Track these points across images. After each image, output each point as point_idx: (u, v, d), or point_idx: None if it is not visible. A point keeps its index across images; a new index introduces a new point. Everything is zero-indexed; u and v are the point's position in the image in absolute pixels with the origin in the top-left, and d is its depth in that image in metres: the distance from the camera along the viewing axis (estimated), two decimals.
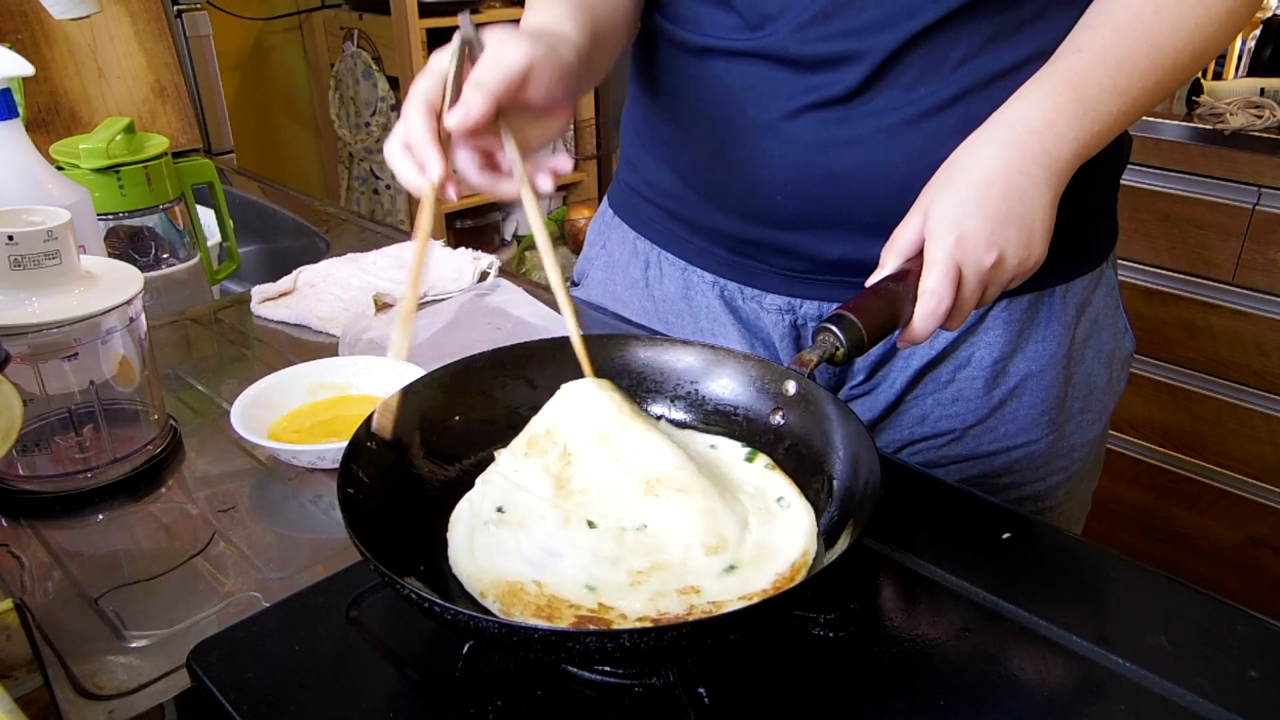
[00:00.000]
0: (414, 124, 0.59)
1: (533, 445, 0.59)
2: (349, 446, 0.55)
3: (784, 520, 0.56)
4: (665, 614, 0.49)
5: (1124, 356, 0.86)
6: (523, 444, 0.60)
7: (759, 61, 0.72)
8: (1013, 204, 0.61)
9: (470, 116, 0.57)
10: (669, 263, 0.86)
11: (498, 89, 0.57)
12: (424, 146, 0.58)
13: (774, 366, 0.63)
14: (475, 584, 0.52)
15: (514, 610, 0.50)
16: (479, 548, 0.54)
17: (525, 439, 0.60)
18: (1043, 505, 0.85)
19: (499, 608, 0.50)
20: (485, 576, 0.52)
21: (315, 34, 2.64)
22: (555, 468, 0.58)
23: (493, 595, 0.51)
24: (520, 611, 0.49)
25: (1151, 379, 1.89)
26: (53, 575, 0.61)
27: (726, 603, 0.50)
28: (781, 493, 0.58)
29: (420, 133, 0.58)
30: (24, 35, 1.32)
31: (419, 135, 0.58)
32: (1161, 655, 0.52)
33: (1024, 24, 0.68)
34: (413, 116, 0.59)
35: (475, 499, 0.57)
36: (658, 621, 0.48)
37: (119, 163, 0.96)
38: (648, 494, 0.55)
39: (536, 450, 0.59)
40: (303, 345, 0.93)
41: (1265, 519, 1.84)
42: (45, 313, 0.63)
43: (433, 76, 0.60)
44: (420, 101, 0.59)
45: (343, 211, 1.32)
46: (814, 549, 0.54)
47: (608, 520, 0.55)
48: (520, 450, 0.59)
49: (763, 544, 0.54)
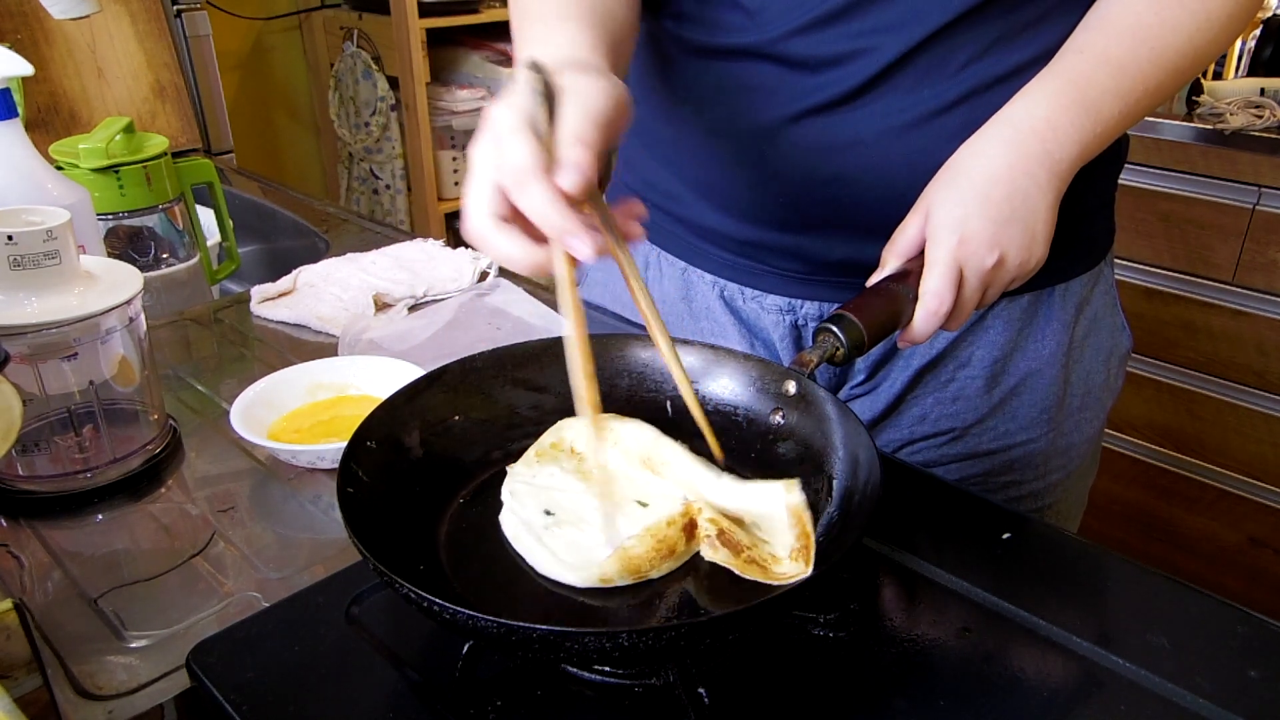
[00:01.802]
0: (539, 197, 0.48)
1: (541, 455, 0.61)
2: (348, 446, 0.55)
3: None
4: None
5: (1122, 355, 0.86)
6: (531, 455, 0.61)
7: (761, 62, 0.71)
8: (1015, 205, 0.61)
9: (587, 177, 0.48)
10: (669, 263, 0.86)
11: (599, 144, 0.50)
12: (568, 221, 0.47)
13: (774, 366, 0.63)
14: (590, 579, 0.52)
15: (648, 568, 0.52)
16: (562, 550, 0.54)
17: (532, 454, 0.61)
18: (1042, 503, 0.85)
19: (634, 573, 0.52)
20: (594, 570, 0.52)
21: (315, 34, 2.64)
22: (570, 465, 0.60)
23: (617, 575, 0.52)
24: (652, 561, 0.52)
25: (1151, 379, 1.89)
26: (52, 575, 0.61)
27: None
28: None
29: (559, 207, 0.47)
30: (24, 35, 1.32)
31: (559, 211, 0.47)
32: (1161, 655, 0.52)
33: (1027, 27, 0.68)
34: (534, 188, 0.48)
35: (518, 511, 0.56)
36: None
37: (118, 163, 0.96)
38: (645, 468, 0.59)
39: (547, 458, 0.60)
40: (302, 345, 0.92)
41: (1265, 519, 1.84)
42: (45, 313, 0.63)
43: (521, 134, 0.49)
44: (533, 167, 0.48)
45: (342, 211, 1.32)
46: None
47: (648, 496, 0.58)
48: (530, 461, 0.60)
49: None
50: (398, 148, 2.54)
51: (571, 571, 0.52)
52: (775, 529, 0.55)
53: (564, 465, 0.60)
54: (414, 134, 2.46)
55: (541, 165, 0.48)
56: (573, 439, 0.61)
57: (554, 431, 0.62)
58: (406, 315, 0.95)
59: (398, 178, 2.58)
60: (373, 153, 2.59)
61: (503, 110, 0.51)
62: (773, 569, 0.53)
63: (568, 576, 0.52)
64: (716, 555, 0.54)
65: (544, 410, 0.65)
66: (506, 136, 0.49)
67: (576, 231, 0.48)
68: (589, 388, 0.52)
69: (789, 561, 0.53)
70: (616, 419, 0.62)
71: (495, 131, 0.51)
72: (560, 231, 0.48)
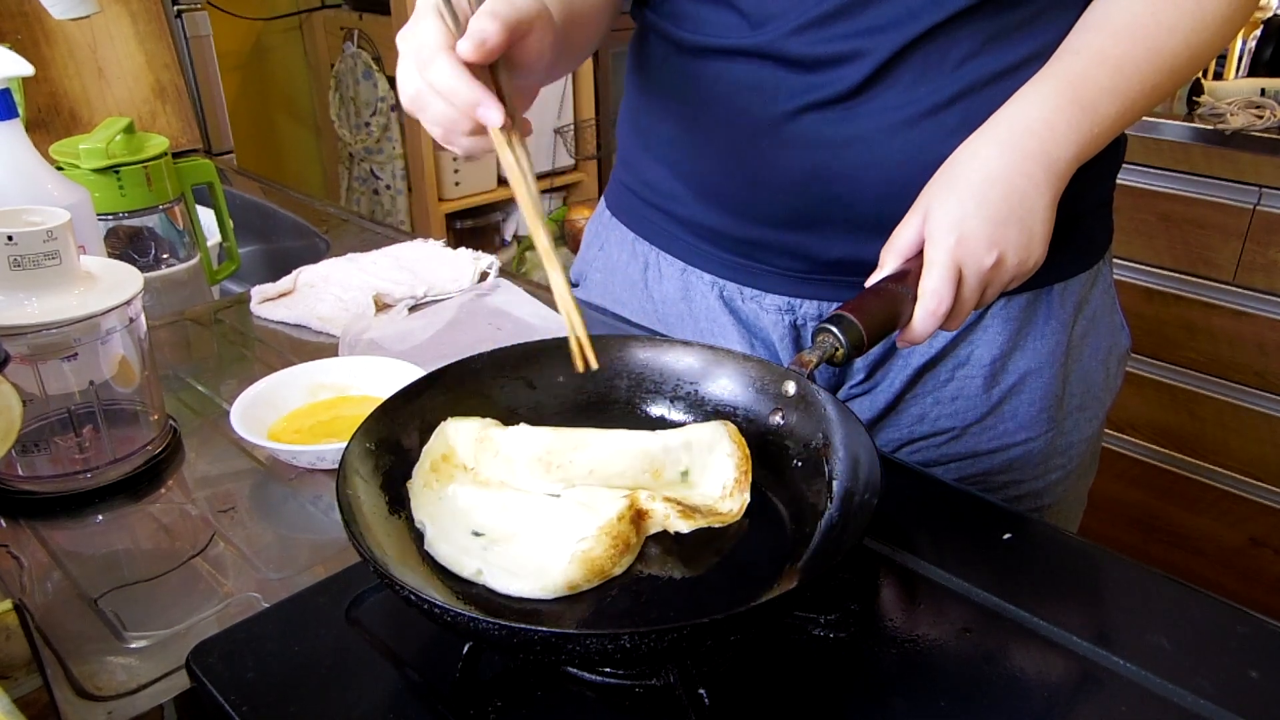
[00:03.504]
0: (444, 69, 0.52)
1: (436, 471, 0.58)
2: (348, 447, 0.55)
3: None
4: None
5: (1120, 354, 0.86)
6: (424, 474, 0.58)
7: (758, 61, 0.72)
8: (1013, 205, 0.61)
9: (488, 43, 0.51)
10: (668, 263, 0.86)
11: (510, 20, 0.53)
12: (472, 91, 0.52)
13: (774, 367, 0.63)
14: (556, 588, 0.51)
15: (610, 567, 0.52)
16: (515, 567, 0.52)
17: (426, 468, 0.58)
18: (1041, 502, 0.85)
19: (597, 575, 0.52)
20: (558, 578, 0.51)
21: (315, 34, 2.64)
22: (468, 480, 0.58)
23: (583, 580, 0.51)
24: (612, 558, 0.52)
25: (1152, 379, 1.89)
26: (52, 576, 0.61)
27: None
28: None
29: (460, 76, 0.52)
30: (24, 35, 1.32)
31: (459, 79, 0.52)
32: (1161, 655, 0.52)
33: (1023, 25, 0.68)
34: (440, 62, 0.52)
35: (447, 540, 0.54)
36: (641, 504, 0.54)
37: (119, 163, 0.96)
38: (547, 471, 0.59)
39: (444, 476, 0.58)
40: (303, 345, 0.92)
41: (1265, 519, 1.84)
42: (45, 313, 0.63)
43: (431, 19, 0.54)
44: (439, 45, 0.52)
45: (343, 212, 1.32)
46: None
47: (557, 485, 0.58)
48: (429, 480, 0.58)
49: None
50: (398, 148, 2.54)
51: (533, 584, 0.51)
52: (707, 470, 0.58)
53: (462, 481, 0.58)
54: (414, 134, 2.46)
55: (447, 43, 0.52)
56: (463, 455, 0.59)
57: (439, 439, 0.60)
58: (407, 316, 0.95)
59: (398, 178, 2.58)
60: (373, 153, 2.59)
61: (419, 3, 0.55)
62: (719, 509, 0.57)
63: (531, 590, 0.51)
64: (694, 522, 0.55)
65: (543, 411, 0.65)
66: (420, 22, 0.54)
67: (481, 100, 0.51)
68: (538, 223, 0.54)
69: (726, 499, 0.57)
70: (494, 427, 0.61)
71: (411, 22, 0.56)
72: (465, 103, 0.52)
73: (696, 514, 0.55)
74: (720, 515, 0.56)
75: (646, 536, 0.55)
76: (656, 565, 0.54)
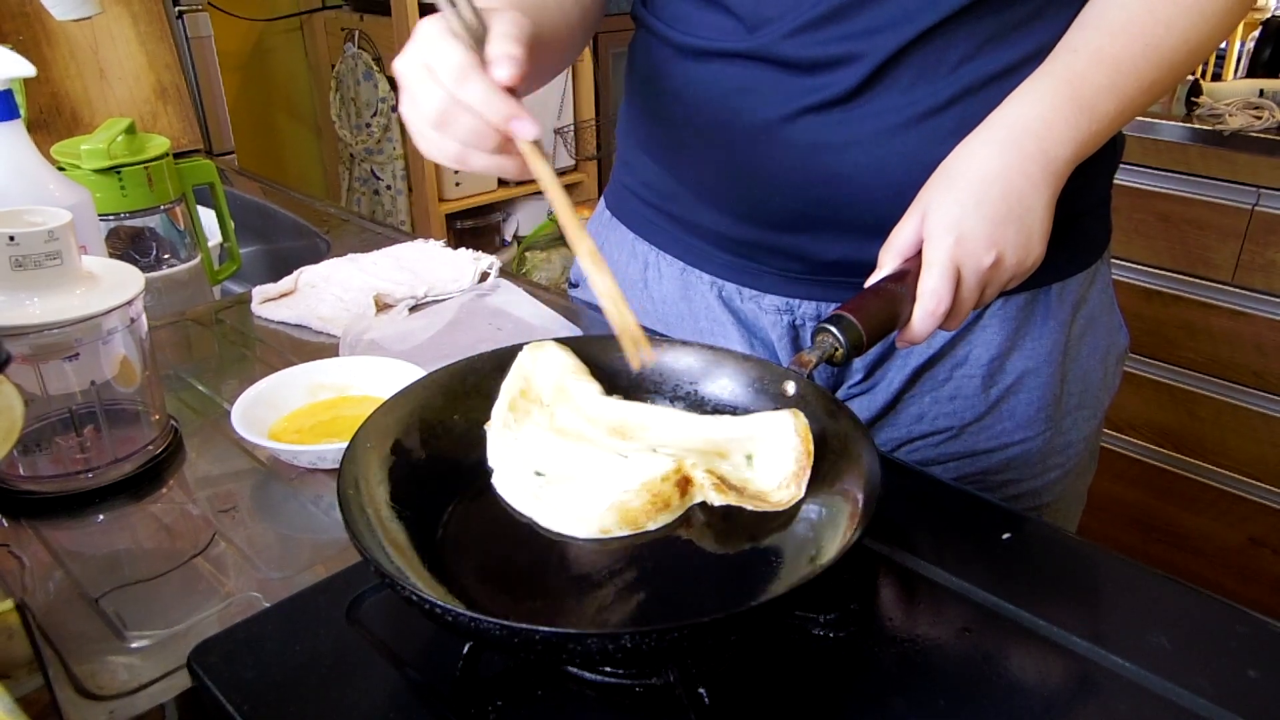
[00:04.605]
0: (479, 86, 0.53)
1: (515, 409, 0.62)
2: (349, 447, 0.55)
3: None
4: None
5: (1119, 353, 0.86)
6: (503, 414, 0.62)
7: (755, 64, 0.72)
8: (1011, 204, 0.62)
9: (519, 68, 0.54)
10: (667, 263, 0.86)
11: (527, 40, 0.55)
12: (510, 106, 0.54)
13: (773, 367, 0.63)
14: (591, 530, 0.55)
15: (644, 521, 0.55)
16: (561, 506, 0.56)
17: (505, 407, 0.62)
18: (1040, 501, 0.85)
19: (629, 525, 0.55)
20: (594, 521, 0.55)
21: (316, 35, 2.64)
22: (544, 420, 0.62)
23: (616, 526, 0.55)
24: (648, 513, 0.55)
25: (1151, 379, 1.90)
26: (53, 575, 0.61)
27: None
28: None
29: (495, 91, 0.53)
30: (25, 36, 1.32)
31: (495, 94, 0.53)
32: (1161, 655, 0.52)
33: (1020, 25, 0.68)
34: (475, 80, 0.53)
35: (511, 476, 0.59)
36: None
37: (120, 163, 0.97)
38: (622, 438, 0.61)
39: (520, 413, 0.62)
40: (303, 345, 0.93)
41: (1265, 519, 1.84)
42: (46, 313, 0.63)
43: (449, 41, 0.55)
44: (470, 64, 0.54)
45: (343, 212, 1.33)
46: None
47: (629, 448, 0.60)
48: (508, 420, 0.62)
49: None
50: (398, 148, 2.55)
51: (573, 523, 0.55)
52: (770, 458, 0.58)
53: (538, 420, 0.62)
54: None
55: (476, 62, 0.54)
56: (540, 387, 0.63)
57: (516, 373, 0.63)
58: (407, 316, 0.96)
59: (398, 178, 2.58)
60: (373, 153, 2.59)
61: (428, 27, 0.56)
62: (770, 498, 0.57)
63: (570, 529, 0.55)
64: (727, 497, 0.56)
65: None
66: (438, 43, 0.55)
67: (519, 114, 0.53)
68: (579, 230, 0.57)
69: (781, 489, 0.57)
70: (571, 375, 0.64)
71: (424, 44, 0.56)
72: (504, 116, 0.54)
73: (733, 491, 0.57)
74: (768, 501, 0.57)
75: (694, 504, 0.57)
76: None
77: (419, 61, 0.56)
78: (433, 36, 0.55)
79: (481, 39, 0.55)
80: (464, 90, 0.54)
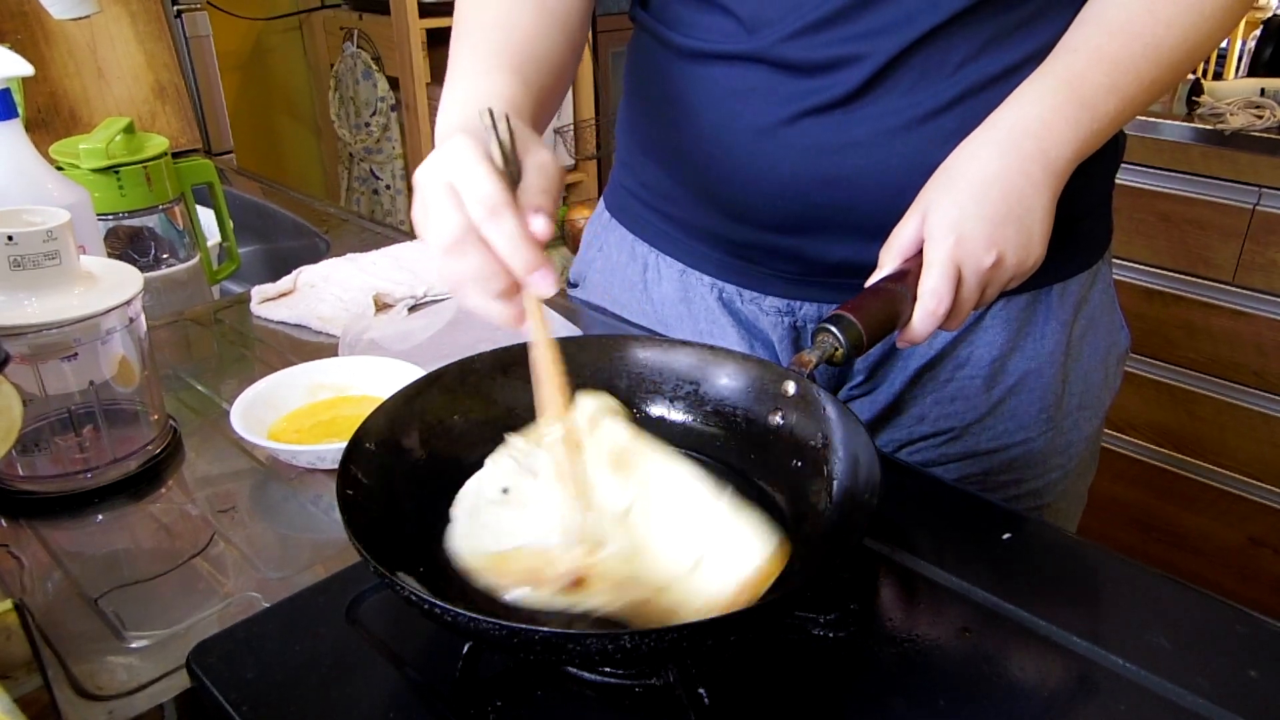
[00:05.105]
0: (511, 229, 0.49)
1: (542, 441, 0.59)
2: (348, 447, 0.55)
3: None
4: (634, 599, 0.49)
5: (1120, 353, 0.86)
6: (536, 435, 0.59)
7: (756, 66, 0.72)
8: (1011, 204, 0.61)
9: (551, 226, 0.51)
10: (667, 265, 0.86)
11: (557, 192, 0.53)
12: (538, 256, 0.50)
13: (773, 367, 0.63)
14: (467, 562, 0.51)
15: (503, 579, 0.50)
16: (479, 526, 0.54)
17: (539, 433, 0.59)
18: (1041, 502, 0.85)
19: (490, 581, 0.50)
20: (478, 553, 0.52)
21: (315, 34, 2.64)
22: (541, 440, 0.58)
23: (482, 570, 0.51)
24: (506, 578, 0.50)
25: (1151, 379, 1.90)
26: (53, 575, 0.61)
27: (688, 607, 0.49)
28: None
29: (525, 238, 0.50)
30: (24, 35, 1.32)
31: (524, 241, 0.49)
32: (1161, 655, 0.52)
33: (1021, 26, 0.68)
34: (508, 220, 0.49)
35: (483, 478, 0.57)
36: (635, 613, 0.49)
37: (119, 163, 0.96)
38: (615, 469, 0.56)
39: (535, 437, 0.59)
40: (303, 345, 0.93)
41: (1265, 519, 1.84)
42: (45, 313, 0.63)
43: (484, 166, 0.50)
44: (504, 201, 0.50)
45: (343, 212, 1.32)
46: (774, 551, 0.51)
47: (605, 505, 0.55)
48: (534, 438, 0.59)
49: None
50: (398, 148, 2.55)
51: (462, 545, 0.52)
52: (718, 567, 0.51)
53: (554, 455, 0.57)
54: (414, 134, 2.46)
55: (510, 199, 0.50)
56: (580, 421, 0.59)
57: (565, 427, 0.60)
58: (407, 316, 0.95)
59: (398, 178, 2.58)
60: (373, 153, 2.59)
61: (460, 143, 0.51)
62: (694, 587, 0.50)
63: (457, 550, 0.52)
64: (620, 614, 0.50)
65: None
66: (471, 167, 0.50)
67: (543, 267, 0.50)
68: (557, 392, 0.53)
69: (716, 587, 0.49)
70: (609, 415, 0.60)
71: (454, 163, 0.51)
72: (530, 266, 0.50)
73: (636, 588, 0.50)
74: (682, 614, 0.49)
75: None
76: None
77: (444, 179, 0.51)
78: (465, 156, 0.51)
79: (511, 165, 0.52)
80: (492, 227, 0.50)
